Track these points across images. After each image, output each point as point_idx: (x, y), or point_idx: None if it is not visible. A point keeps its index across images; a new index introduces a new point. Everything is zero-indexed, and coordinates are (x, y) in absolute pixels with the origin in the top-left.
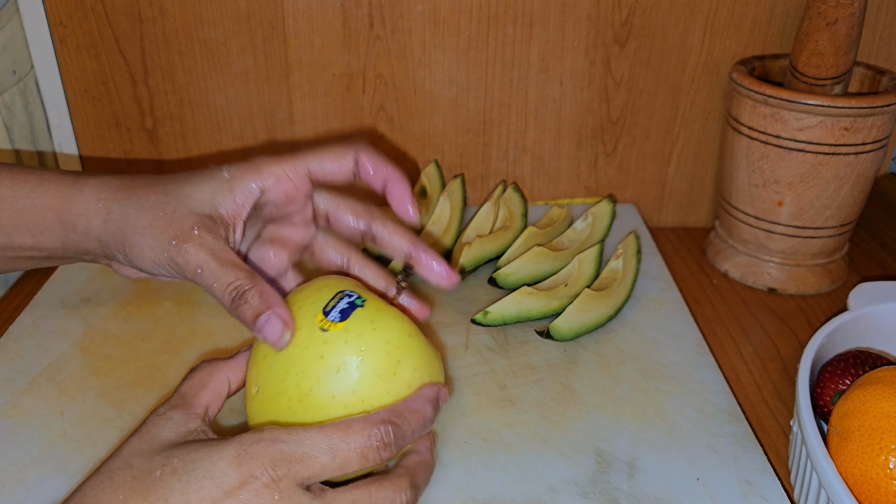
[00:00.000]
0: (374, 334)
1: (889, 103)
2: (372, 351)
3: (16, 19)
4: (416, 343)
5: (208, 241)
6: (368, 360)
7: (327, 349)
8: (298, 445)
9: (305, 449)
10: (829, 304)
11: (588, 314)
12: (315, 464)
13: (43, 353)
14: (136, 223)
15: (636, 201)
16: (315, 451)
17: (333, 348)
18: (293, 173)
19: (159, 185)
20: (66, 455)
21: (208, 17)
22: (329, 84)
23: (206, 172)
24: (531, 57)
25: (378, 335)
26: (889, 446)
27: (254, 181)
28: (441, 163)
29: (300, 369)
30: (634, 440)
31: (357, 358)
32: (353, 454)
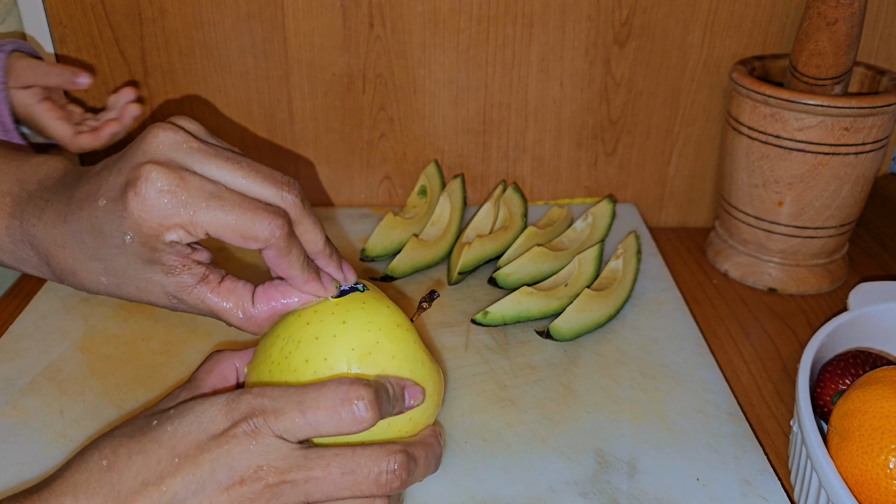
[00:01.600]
0: (360, 312)
1: (889, 103)
2: (352, 325)
3: (11, 19)
4: (402, 334)
5: None
6: (347, 333)
7: (314, 317)
8: (275, 400)
9: (280, 404)
10: (829, 304)
11: (588, 314)
12: (287, 418)
13: (43, 353)
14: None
15: (636, 201)
16: (288, 405)
17: (319, 317)
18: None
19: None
20: (66, 455)
21: (208, 17)
22: (329, 84)
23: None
24: (531, 57)
25: (363, 314)
26: (889, 446)
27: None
28: (441, 163)
29: (288, 334)
30: (634, 440)
31: (336, 328)
32: (322, 412)
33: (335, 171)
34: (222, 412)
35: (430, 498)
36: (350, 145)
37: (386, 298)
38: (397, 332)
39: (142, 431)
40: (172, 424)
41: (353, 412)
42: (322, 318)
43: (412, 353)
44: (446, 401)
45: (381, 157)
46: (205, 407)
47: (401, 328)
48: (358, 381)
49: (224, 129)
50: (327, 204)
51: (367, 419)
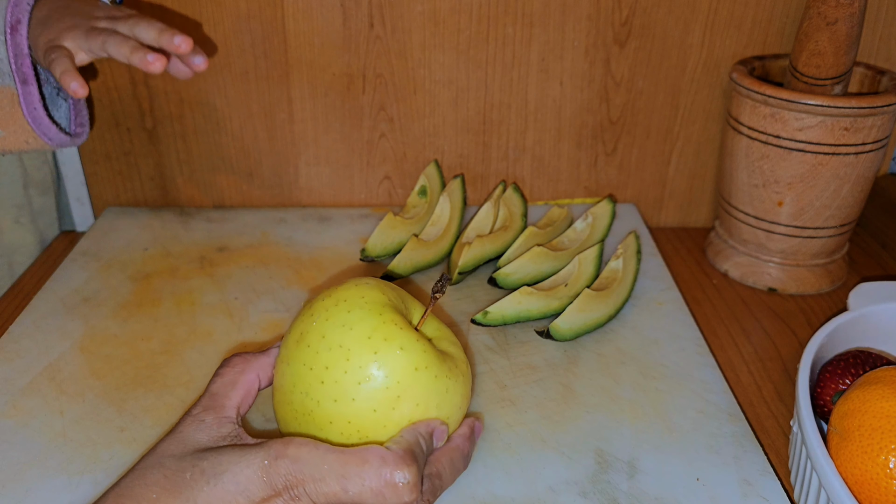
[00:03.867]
0: (372, 364)
1: (889, 103)
2: (368, 387)
3: None
4: (421, 377)
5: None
6: (365, 396)
7: (326, 375)
8: (315, 468)
9: (321, 474)
10: (829, 304)
11: (588, 314)
12: (328, 489)
13: (43, 353)
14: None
15: (636, 201)
16: (329, 476)
17: (332, 377)
18: None
19: None
20: (66, 455)
21: (208, 17)
22: (329, 84)
23: None
24: (531, 57)
25: (378, 367)
26: (889, 446)
27: None
28: (441, 163)
29: (304, 390)
30: (634, 440)
31: (352, 390)
32: (366, 492)
33: (335, 171)
34: (261, 477)
35: None
36: (350, 145)
37: (392, 326)
38: (416, 377)
39: (176, 485)
40: (209, 484)
41: (396, 494)
42: (337, 379)
43: (434, 389)
44: None
45: (381, 157)
46: (241, 467)
47: (419, 371)
48: (400, 460)
49: (224, 129)
50: (327, 204)
51: (410, 500)
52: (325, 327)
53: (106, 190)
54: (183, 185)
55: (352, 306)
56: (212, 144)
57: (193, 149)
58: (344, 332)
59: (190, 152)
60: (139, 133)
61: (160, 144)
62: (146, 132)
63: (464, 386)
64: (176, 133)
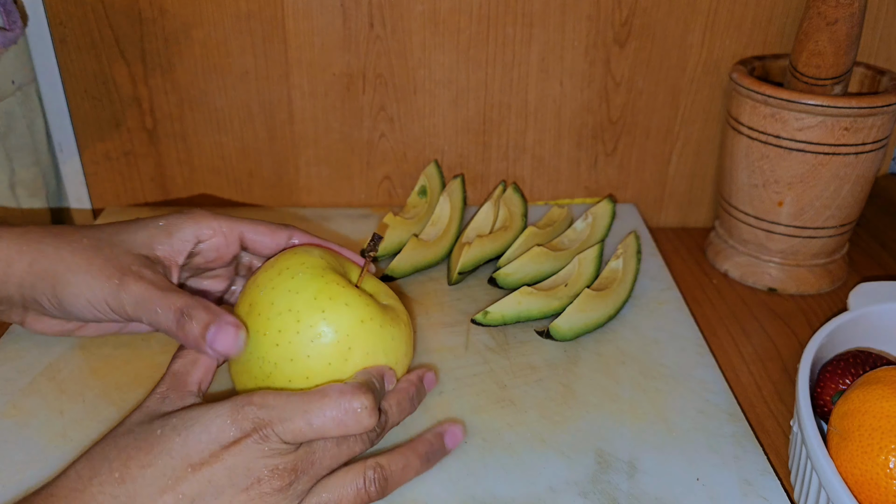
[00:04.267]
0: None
1: (889, 103)
2: (324, 342)
3: None
4: (369, 327)
5: (148, 275)
6: (320, 351)
7: (280, 338)
8: (281, 410)
9: (287, 413)
10: (829, 304)
11: (588, 314)
12: (294, 426)
13: (43, 353)
14: (69, 264)
15: (636, 201)
16: (295, 415)
17: (286, 338)
18: (228, 231)
19: (91, 231)
20: (66, 455)
21: (208, 17)
22: (329, 84)
23: (140, 221)
24: (531, 57)
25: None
26: (889, 446)
27: (191, 229)
28: (441, 163)
29: (260, 355)
30: (634, 440)
31: (308, 348)
32: (329, 422)
33: (335, 171)
34: (230, 422)
35: (430, 498)
36: (350, 145)
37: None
38: (363, 328)
39: (149, 442)
40: (180, 436)
41: (357, 420)
42: (290, 340)
43: (380, 338)
44: (447, 401)
45: (381, 157)
46: (210, 417)
47: (365, 323)
48: (357, 389)
49: (224, 129)
50: (328, 204)
51: (369, 424)
52: (273, 295)
53: (106, 190)
54: (183, 185)
55: (295, 273)
56: (212, 144)
57: (193, 149)
58: (291, 296)
59: (190, 152)
60: (139, 133)
61: (160, 144)
62: (146, 132)
63: (406, 334)
64: (176, 133)
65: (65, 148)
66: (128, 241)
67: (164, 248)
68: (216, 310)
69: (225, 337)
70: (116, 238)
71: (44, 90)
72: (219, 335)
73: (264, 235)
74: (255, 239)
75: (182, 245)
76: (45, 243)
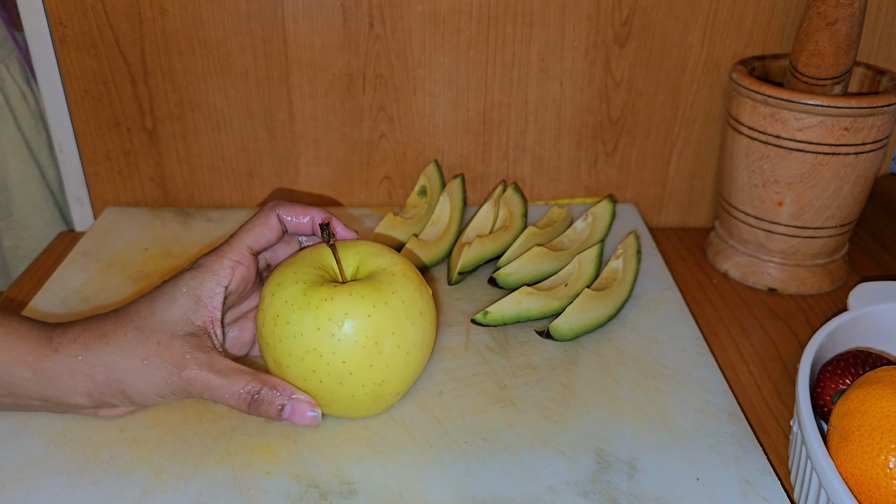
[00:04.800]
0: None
1: (889, 103)
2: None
3: None
4: (378, 317)
5: (202, 359)
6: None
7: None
8: None
9: None
10: (829, 304)
11: (588, 314)
12: None
13: None
14: (125, 367)
15: (636, 201)
16: None
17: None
18: (241, 259)
19: (129, 322)
20: (66, 455)
21: (208, 17)
22: (329, 84)
23: (166, 293)
24: (531, 57)
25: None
26: (889, 446)
27: (213, 284)
28: (441, 163)
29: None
30: (634, 440)
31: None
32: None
33: (335, 171)
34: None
35: (430, 498)
36: (350, 145)
37: (326, 306)
38: (376, 321)
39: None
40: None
41: None
42: (327, 372)
43: (396, 316)
44: (446, 401)
45: (381, 157)
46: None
47: (372, 316)
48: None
49: (224, 129)
50: (328, 204)
51: None
52: (287, 347)
53: (106, 190)
54: (183, 185)
55: (286, 317)
56: (212, 144)
57: (193, 149)
58: (301, 340)
59: (190, 152)
60: (139, 133)
61: (160, 144)
62: (146, 132)
63: (411, 284)
64: (176, 133)
65: (65, 148)
66: (167, 322)
67: (201, 316)
68: (283, 387)
69: (301, 415)
70: (154, 322)
71: (44, 90)
72: (295, 414)
73: (264, 233)
74: (260, 243)
75: (214, 304)
76: (93, 351)
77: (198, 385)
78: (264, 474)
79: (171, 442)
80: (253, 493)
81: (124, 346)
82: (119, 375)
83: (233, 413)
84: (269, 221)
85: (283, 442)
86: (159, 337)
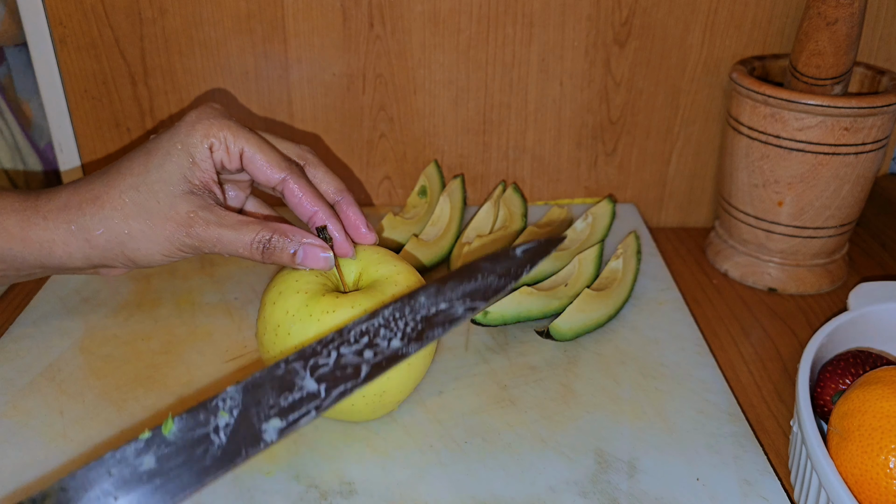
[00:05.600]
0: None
1: (889, 103)
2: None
3: None
4: None
5: (208, 216)
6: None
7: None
8: None
9: None
10: (829, 304)
11: (588, 314)
12: None
13: (43, 353)
14: (127, 230)
15: (636, 201)
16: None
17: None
18: (231, 146)
19: (123, 181)
20: (66, 455)
21: (208, 17)
22: (329, 84)
23: (160, 150)
24: (531, 57)
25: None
26: (889, 446)
27: (204, 143)
28: (441, 163)
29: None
30: (634, 440)
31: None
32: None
33: (335, 171)
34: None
35: (430, 498)
36: (350, 145)
37: (329, 317)
38: None
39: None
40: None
41: None
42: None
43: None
44: (446, 401)
45: (381, 157)
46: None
47: None
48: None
49: None
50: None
51: None
52: None
53: None
54: None
55: (288, 328)
56: None
57: None
58: None
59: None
60: (139, 133)
61: None
62: (146, 132)
63: (412, 278)
64: None
65: (65, 148)
66: (164, 180)
67: (197, 176)
68: (293, 231)
69: (314, 258)
70: (151, 181)
71: (44, 90)
72: (307, 258)
73: (259, 166)
74: (251, 165)
75: (208, 164)
76: (87, 215)
77: (208, 241)
78: (264, 474)
79: None
80: (253, 493)
81: (123, 209)
82: (121, 239)
83: None
84: (273, 169)
85: (283, 442)
86: (159, 196)
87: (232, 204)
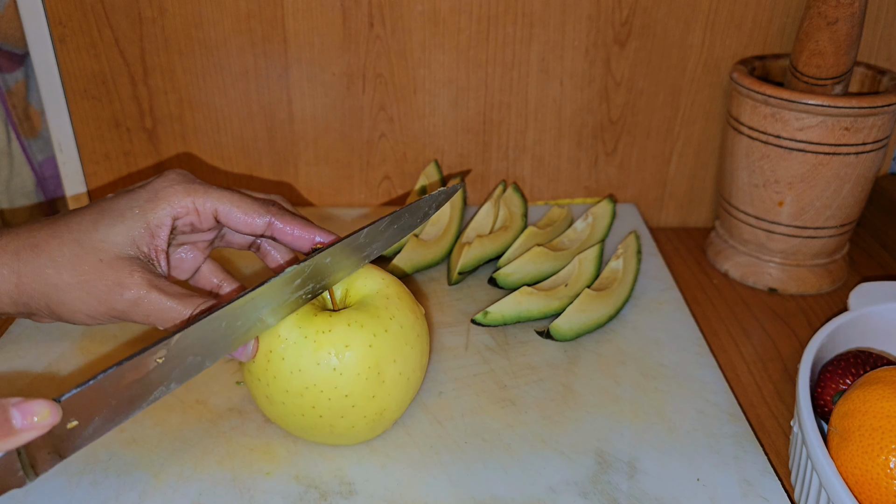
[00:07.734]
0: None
1: (889, 103)
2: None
3: None
4: (379, 346)
5: (151, 279)
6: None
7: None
8: None
9: None
10: (829, 304)
11: (588, 314)
12: None
13: (43, 353)
14: (57, 282)
15: (636, 201)
16: None
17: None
18: (202, 209)
19: (68, 234)
20: None
21: (208, 17)
22: (329, 84)
23: (114, 210)
24: (531, 57)
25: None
26: (889, 446)
27: (165, 212)
28: (441, 163)
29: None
30: (634, 440)
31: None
32: None
33: (335, 171)
34: None
35: (430, 498)
36: (350, 145)
37: (324, 338)
38: (374, 352)
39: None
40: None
41: None
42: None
43: (395, 342)
44: (446, 401)
45: (381, 157)
46: None
47: (373, 346)
48: None
49: (224, 129)
50: (327, 204)
51: None
52: (282, 384)
53: (106, 190)
54: None
55: (282, 353)
56: (212, 144)
57: (193, 149)
58: (298, 377)
59: (190, 152)
60: (139, 133)
61: (160, 144)
62: (146, 132)
63: (406, 307)
64: (176, 133)
65: (65, 148)
66: (111, 241)
67: (147, 243)
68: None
69: (243, 349)
70: (96, 239)
71: (44, 90)
72: (241, 351)
73: (239, 219)
74: (230, 220)
75: (162, 233)
76: (22, 261)
77: (144, 306)
78: (264, 474)
79: (171, 442)
80: (253, 493)
81: (59, 260)
82: (48, 290)
83: (233, 413)
84: (253, 216)
85: (283, 442)
86: (101, 255)
87: (187, 266)
